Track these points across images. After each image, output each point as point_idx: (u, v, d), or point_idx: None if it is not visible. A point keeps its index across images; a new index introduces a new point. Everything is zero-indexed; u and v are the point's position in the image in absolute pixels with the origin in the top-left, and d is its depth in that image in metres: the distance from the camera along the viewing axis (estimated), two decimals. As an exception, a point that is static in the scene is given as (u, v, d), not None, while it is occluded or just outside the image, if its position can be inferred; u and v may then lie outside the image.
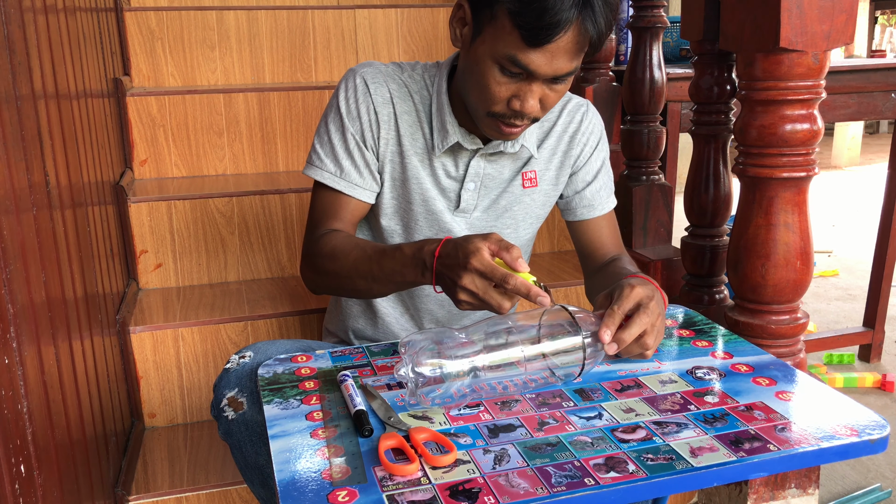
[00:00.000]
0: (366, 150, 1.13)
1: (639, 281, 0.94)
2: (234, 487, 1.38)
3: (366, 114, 1.12)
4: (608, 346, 0.89)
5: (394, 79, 1.14)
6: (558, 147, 1.20)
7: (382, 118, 1.12)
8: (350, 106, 1.12)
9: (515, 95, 0.99)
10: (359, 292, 1.11)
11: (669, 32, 2.29)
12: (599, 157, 1.23)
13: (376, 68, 1.14)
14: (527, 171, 1.18)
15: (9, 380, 0.79)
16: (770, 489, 1.06)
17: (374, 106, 1.12)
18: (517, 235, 1.22)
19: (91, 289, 1.27)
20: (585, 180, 1.23)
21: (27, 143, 0.95)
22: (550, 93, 1.01)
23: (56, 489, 0.93)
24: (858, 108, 2.15)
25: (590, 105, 1.23)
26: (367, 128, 1.12)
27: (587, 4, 0.92)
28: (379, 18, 2.32)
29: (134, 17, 2.09)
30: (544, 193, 1.22)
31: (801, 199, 1.19)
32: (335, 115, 1.14)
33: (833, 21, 1.13)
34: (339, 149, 1.13)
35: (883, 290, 2.45)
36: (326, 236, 1.11)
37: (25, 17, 1.00)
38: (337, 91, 1.14)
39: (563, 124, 1.20)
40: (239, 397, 1.00)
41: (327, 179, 1.14)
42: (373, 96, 1.12)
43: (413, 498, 0.69)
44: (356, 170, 1.14)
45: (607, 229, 1.25)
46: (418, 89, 1.14)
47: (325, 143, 1.15)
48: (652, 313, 0.92)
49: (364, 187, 1.15)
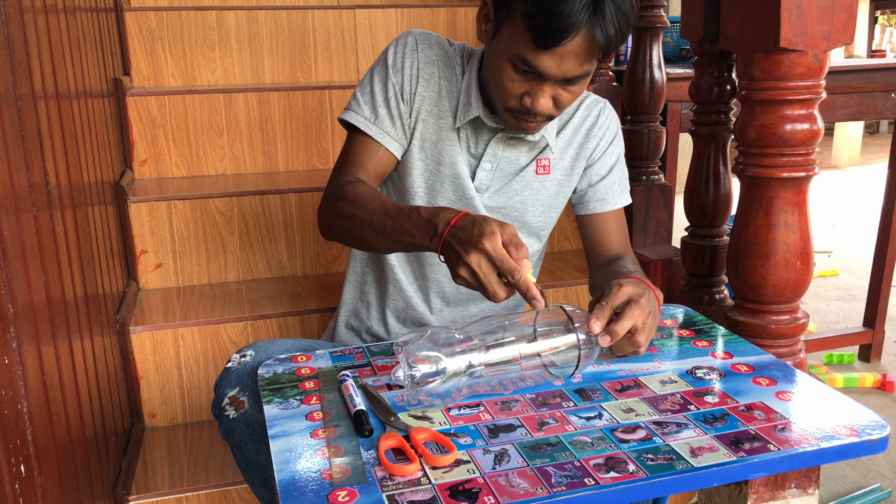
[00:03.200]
0: (402, 103, 1.15)
1: (629, 280, 0.95)
2: (234, 487, 1.38)
3: (409, 68, 1.15)
4: (601, 337, 0.89)
5: (443, 47, 1.17)
6: (574, 139, 1.22)
7: (424, 76, 1.15)
8: (397, 59, 1.15)
9: (527, 93, 1.02)
10: (365, 243, 1.10)
11: (669, 32, 2.29)
12: (614, 152, 1.25)
13: (429, 34, 1.18)
14: (541, 159, 1.20)
15: (9, 380, 0.79)
16: (770, 489, 1.06)
17: (419, 63, 1.15)
18: (524, 220, 1.23)
19: (91, 289, 1.27)
20: (600, 174, 1.24)
21: (27, 143, 0.95)
22: (564, 93, 1.03)
23: (56, 489, 0.93)
24: (858, 108, 2.15)
25: (607, 103, 1.25)
26: (408, 81, 1.15)
27: (598, 10, 0.93)
28: (379, 18, 2.32)
29: (134, 17, 2.09)
30: (557, 182, 1.23)
31: (801, 199, 1.19)
32: (381, 66, 1.16)
33: (833, 21, 1.13)
34: (378, 97, 1.15)
35: (883, 290, 2.45)
36: (352, 184, 1.11)
37: (25, 17, 1.00)
38: (388, 47, 1.17)
39: (581, 118, 1.22)
40: (240, 396, 1.00)
41: (361, 123, 1.15)
42: (419, 54, 1.15)
43: (413, 498, 0.69)
44: (390, 119, 1.15)
45: (615, 226, 1.26)
46: (460, 62, 1.18)
47: (365, 91, 1.17)
48: (642, 308, 0.92)
49: (394, 137, 1.16)
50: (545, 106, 1.02)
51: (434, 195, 1.19)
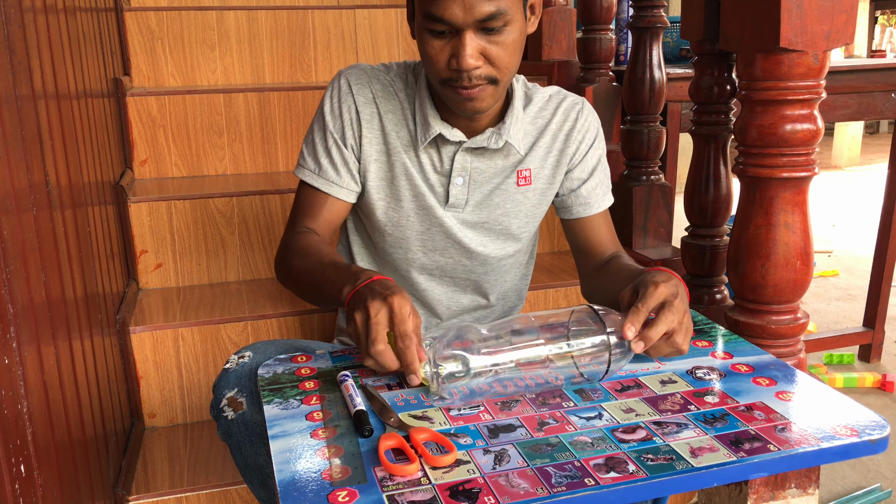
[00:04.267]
0: (345, 149, 1.15)
1: (663, 277, 0.94)
2: (234, 487, 1.38)
3: (347, 113, 1.15)
4: (635, 343, 0.89)
5: (378, 79, 1.16)
6: (553, 145, 1.20)
7: (364, 117, 1.15)
8: (333, 106, 1.16)
9: (452, 55, 1.00)
10: (304, 295, 1.12)
11: (669, 32, 2.29)
12: (595, 154, 1.23)
13: (361, 70, 1.17)
14: (521, 170, 1.19)
15: (9, 380, 0.79)
16: (770, 489, 1.06)
17: (357, 105, 1.15)
18: (509, 233, 1.22)
19: (91, 289, 1.27)
20: (581, 178, 1.22)
21: (27, 143, 0.95)
22: (491, 46, 1.00)
23: (56, 489, 0.93)
24: (858, 108, 2.15)
25: (585, 103, 1.23)
26: (348, 126, 1.15)
27: None
28: (379, 18, 2.32)
29: (134, 17, 2.09)
30: (540, 192, 1.22)
31: (802, 199, 1.19)
32: (319, 116, 1.17)
33: (833, 21, 1.13)
34: (319, 147, 1.16)
35: (883, 290, 2.45)
36: (302, 234, 1.14)
37: (25, 17, 1.00)
38: (324, 94, 1.18)
39: (559, 122, 1.20)
40: (238, 397, 1.00)
41: (307, 177, 1.18)
42: (355, 96, 1.15)
43: (413, 498, 0.69)
44: (333, 168, 1.16)
45: (604, 227, 1.25)
46: (403, 87, 1.16)
47: (308, 142, 1.19)
48: (678, 311, 0.91)
49: (341, 185, 1.17)
50: (471, 61, 0.98)
51: (402, 230, 1.19)
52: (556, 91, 1.22)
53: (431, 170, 1.16)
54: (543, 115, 1.20)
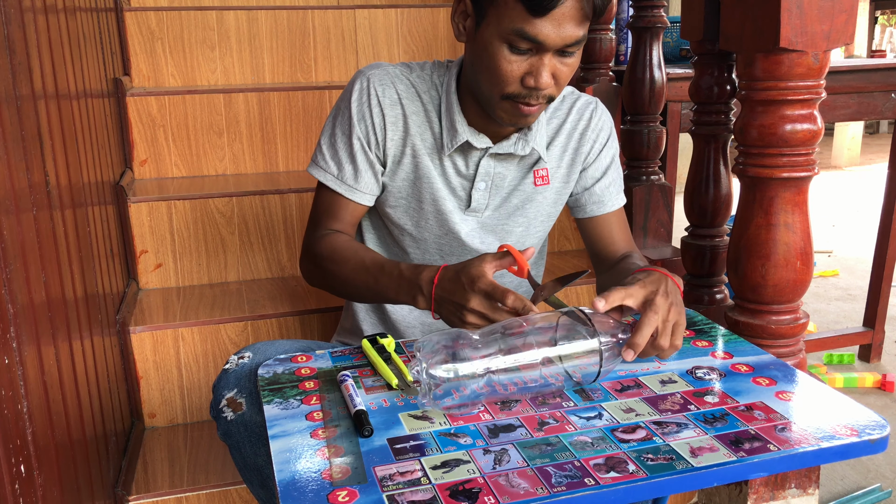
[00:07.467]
0: (369, 153, 1.14)
1: (645, 275, 0.95)
2: (234, 487, 1.38)
3: (373, 116, 1.13)
4: (625, 353, 0.90)
5: (402, 80, 1.15)
6: (569, 144, 1.21)
7: (390, 119, 1.13)
8: (358, 108, 1.14)
9: (528, 72, 1.00)
10: (351, 297, 1.15)
11: (669, 32, 2.29)
12: (609, 153, 1.24)
13: (384, 69, 1.15)
14: (538, 169, 1.19)
15: (9, 380, 0.79)
16: (770, 489, 1.06)
17: (383, 108, 1.13)
18: (528, 234, 1.23)
19: (91, 289, 1.27)
20: (595, 177, 1.23)
21: (27, 143, 0.95)
22: (562, 67, 1.01)
23: (56, 489, 0.93)
24: (858, 108, 2.15)
25: (599, 102, 1.24)
26: (373, 130, 1.14)
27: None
28: (379, 18, 2.32)
29: (134, 17, 2.09)
30: (556, 191, 1.22)
31: (802, 199, 1.19)
32: (343, 117, 1.15)
33: (833, 21, 1.13)
34: (342, 151, 1.15)
35: (883, 290, 2.45)
36: (328, 237, 1.13)
37: (25, 17, 1.00)
38: (345, 93, 1.15)
39: (573, 122, 1.21)
40: (238, 398, 1.00)
41: (329, 181, 1.16)
42: (381, 98, 1.13)
43: (413, 498, 0.69)
44: (357, 173, 1.15)
45: (617, 226, 1.26)
46: (427, 89, 1.15)
47: (329, 144, 1.16)
48: (660, 309, 0.92)
49: (363, 191, 1.16)
50: (548, 82, 1.00)
51: (420, 230, 1.20)
52: (570, 91, 1.23)
53: (454, 174, 1.16)
54: (558, 115, 1.20)
